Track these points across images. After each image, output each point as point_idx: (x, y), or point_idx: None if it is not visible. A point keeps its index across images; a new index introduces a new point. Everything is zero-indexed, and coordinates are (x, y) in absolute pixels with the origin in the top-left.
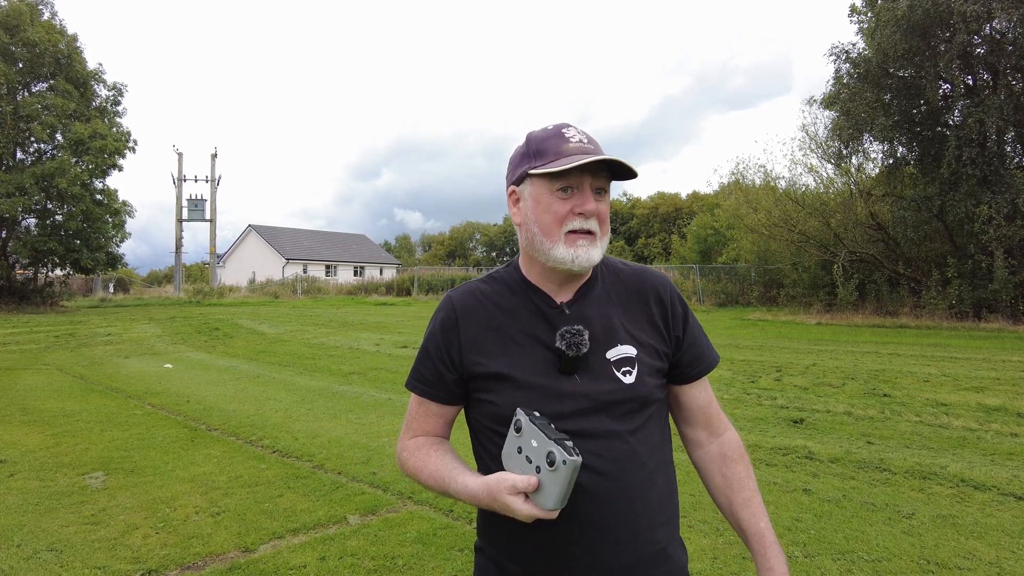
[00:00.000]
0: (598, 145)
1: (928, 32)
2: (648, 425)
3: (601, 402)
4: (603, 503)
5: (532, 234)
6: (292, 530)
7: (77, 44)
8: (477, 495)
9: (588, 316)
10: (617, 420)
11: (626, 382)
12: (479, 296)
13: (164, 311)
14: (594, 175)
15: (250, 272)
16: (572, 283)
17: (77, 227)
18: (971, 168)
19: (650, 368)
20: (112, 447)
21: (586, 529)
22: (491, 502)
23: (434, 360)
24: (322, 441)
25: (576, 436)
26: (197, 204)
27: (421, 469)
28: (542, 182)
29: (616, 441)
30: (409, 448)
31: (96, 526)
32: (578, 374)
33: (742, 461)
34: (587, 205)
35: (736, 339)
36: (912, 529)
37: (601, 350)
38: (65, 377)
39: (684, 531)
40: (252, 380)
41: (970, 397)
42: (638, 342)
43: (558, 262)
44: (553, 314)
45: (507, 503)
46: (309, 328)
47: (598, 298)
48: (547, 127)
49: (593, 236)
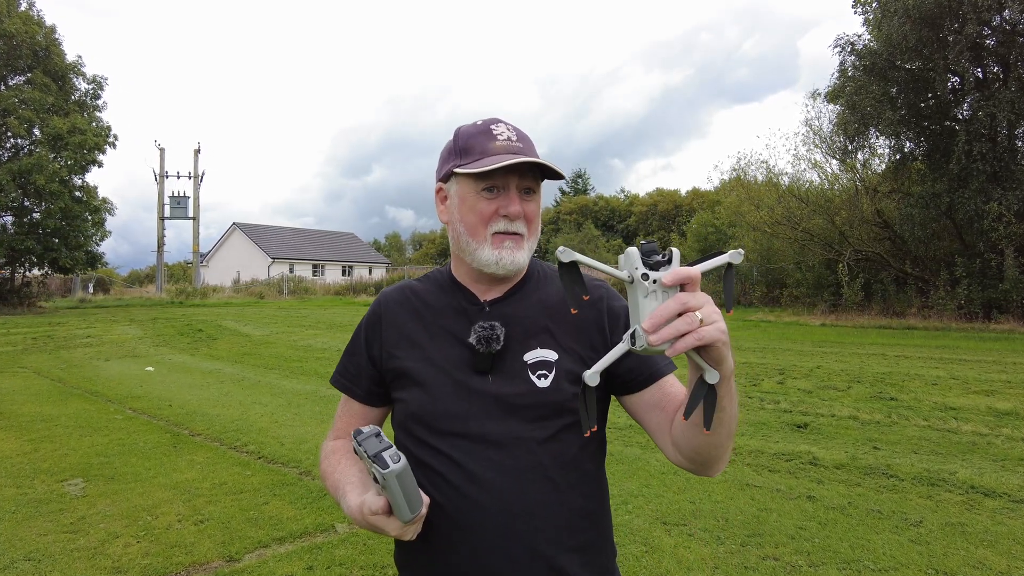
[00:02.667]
0: (529, 143)
1: (937, 23)
2: (563, 436)
3: (510, 404)
4: (499, 514)
5: (458, 234)
6: (278, 539)
7: (55, 36)
8: (354, 516)
9: (509, 315)
10: (526, 425)
11: (539, 385)
12: (408, 293)
13: (145, 312)
14: (521, 176)
15: (234, 272)
16: (501, 284)
17: (55, 225)
18: (981, 164)
19: (571, 375)
20: (92, 453)
21: (475, 543)
22: (366, 526)
23: (356, 355)
24: (309, 447)
25: (479, 440)
26: (179, 201)
27: (327, 476)
28: (467, 181)
29: (520, 449)
30: (326, 451)
31: (75, 535)
32: (492, 374)
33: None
34: (512, 207)
35: (738, 341)
36: (920, 537)
37: (519, 351)
38: (43, 380)
39: (684, 539)
40: (237, 383)
41: (980, 401)
42: (561, 347)
43: (482, 264)
44: (473, 311)
45: (374, 525)
46: (296, 329)
47: (525, 299)
48: (477, 122)
49: (520, 238)
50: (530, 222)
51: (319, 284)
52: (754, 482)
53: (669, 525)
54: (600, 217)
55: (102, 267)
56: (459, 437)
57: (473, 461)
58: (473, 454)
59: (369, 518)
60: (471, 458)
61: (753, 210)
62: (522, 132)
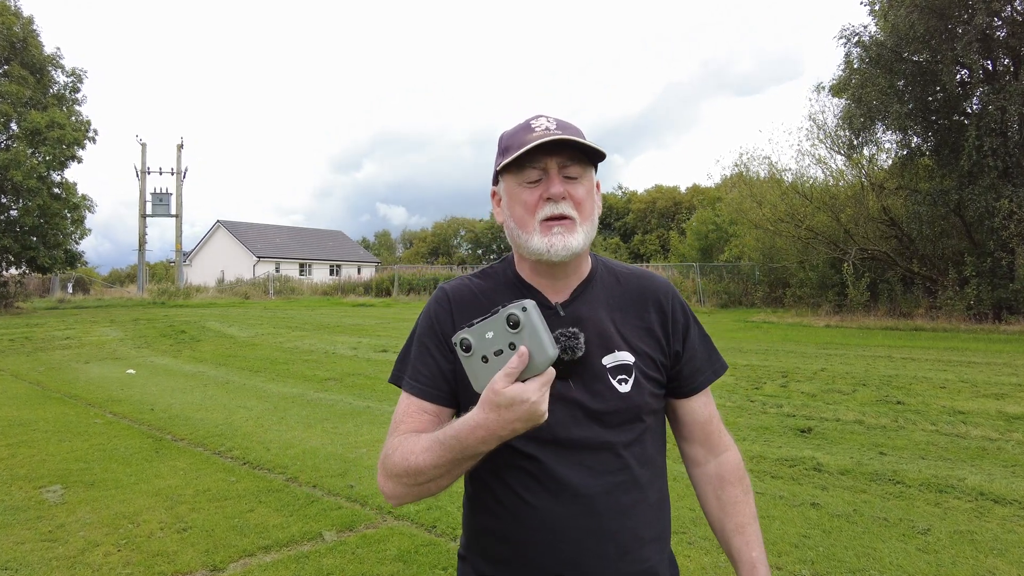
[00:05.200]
0: (572, 129)
1: (945, 13)
2: (643, 437)
3: (595, 410)
4: (590, 516)
5: (511, 229)
6: (264, 547)
7: (33, 27)
8: (479, 420)
9: (584, 318)
10: (611, 430)
11: (622, 391)
12: (472, 289)
13: (127, 313)
14: (560, 158)
15: (219, 271)
16: (567, 282)
17: (33, 223)
18: (992, 159)
19: (647, 378)
20: (71, 458)
21: (570, 541)
22: (497, 414)
23: (433, 354)
24: (296, 452)
25: (566, 445)
26: (162, 198)
27: (412, 448)
28: (511, 176)
29: (608, 453)
30: (394, 444)
31: (54, 543)
32: (572, 379)
33: (740, 484)
34: (553, 188)
35: (739, 342)
36: (928, 546)
37: (597, 355)
38: (20, 384)
39: (684, 547)
40: (221, 386)
41: (990, 404)
42: (635, 350)
43: (534, 253)
44: (547, 315)
45: (512, 395)
46: (282, 331)
47: (595, 300)
48: (520, 122)
49: (570, 221)
50: (579, 204)
51: (306, 284)
52: (756, 488)
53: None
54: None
55: (82, 266)
56: (547, 443)
57: (563, 466)
58: (562, 459)
59: (506, 391)
60: (561, 463)
61: (755, 207)
62: (564, 121)
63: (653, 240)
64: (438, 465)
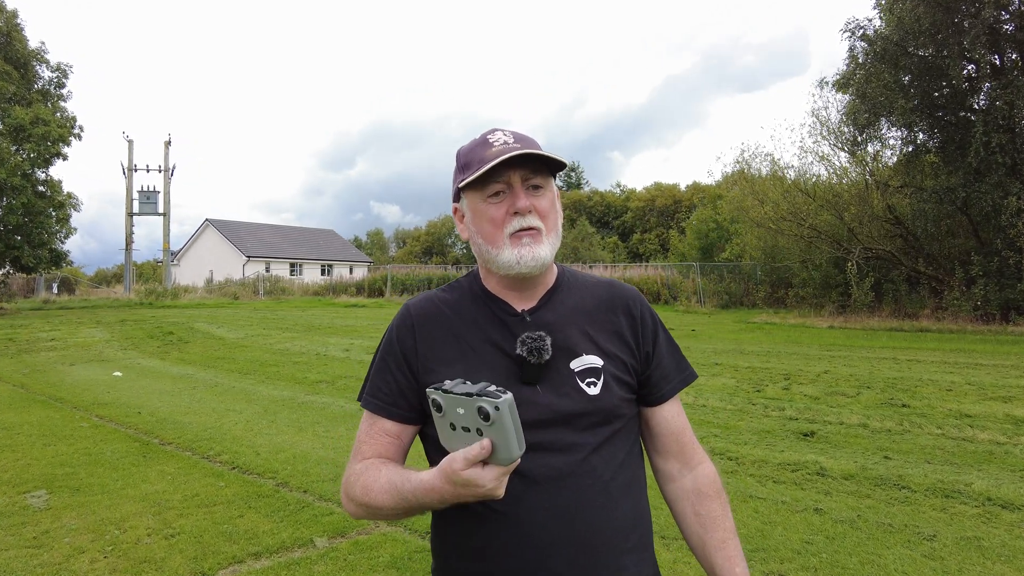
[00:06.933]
0: (529, 142)
1: (951, 6)
2: (613, 441)
3: (563, 414)
4: (558, 521)
5: (479, 246)
6: (253, 554)
7: (17, 21)
8: (435, 485)
9: (551, 323)
10: (579, 433)
11: (590, 393)
12: (437, 303)
13: (113, 314)
14: (523, 171)
15: (207, 271)
16: (533, 291)
17: (17, 221)
18: (1000, 156)
19: (617, 381)
20: (56, 463)
21: (539, 547)
22: (452, 488)
23: (392, 371)
24: (286, 456)
25: (534, 449)
26: (149, 196)
27: (372, 485)
28: (475, 192)
29: (575, 456)
30: (356, 471)
31: (38, 549)
32: (540, 384)
33: (718, 498)
34: (519, 202)
35: (740, 344)
36: (934, 552)
37: (565, 359)
38: (4, 386)
39: (683, 553)
40: (209, 389)
41: (997, 408)
42: (604, 353)
43: (506, 266)
44: (514, 321)
45: (467, 479)
46: (272, 332)
47: (561, 306)
48: (475, 138)
49: (537, 232)
50: (544, 216)
51: (297, 284)
52: (758, 494)
53: (668, 539)
54: (595, 213)
55: (67, 266)
56: None
57: (531, 470)
58: (530, 463)
59: (461, 473)
60: (528, 467)
61: (757, 205)
62: (521, 134)
63: (652, 239)
64: (395, 508)
